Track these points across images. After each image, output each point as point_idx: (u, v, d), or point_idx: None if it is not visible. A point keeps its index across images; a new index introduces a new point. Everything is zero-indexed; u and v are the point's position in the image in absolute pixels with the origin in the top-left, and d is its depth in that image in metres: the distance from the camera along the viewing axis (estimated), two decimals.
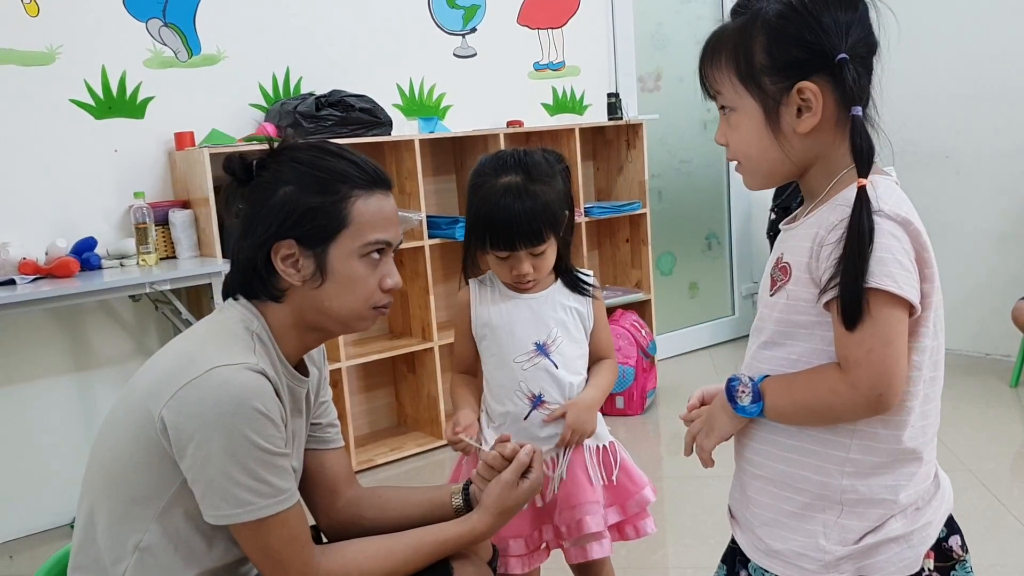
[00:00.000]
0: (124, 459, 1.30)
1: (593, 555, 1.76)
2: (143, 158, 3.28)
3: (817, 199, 1.17)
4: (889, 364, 1.06)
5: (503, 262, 1.72)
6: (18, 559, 3.01)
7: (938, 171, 4.53)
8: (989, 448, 3.34)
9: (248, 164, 1.38)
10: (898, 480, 1.15)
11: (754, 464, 1.23)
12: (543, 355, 1.75)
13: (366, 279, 1.38)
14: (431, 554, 1.42)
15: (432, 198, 3.93)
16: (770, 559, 1.20)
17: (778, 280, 1.17)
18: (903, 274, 1.05)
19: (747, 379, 1.19)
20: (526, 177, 1.68)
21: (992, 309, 4.33)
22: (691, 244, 5.14)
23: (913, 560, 1.15)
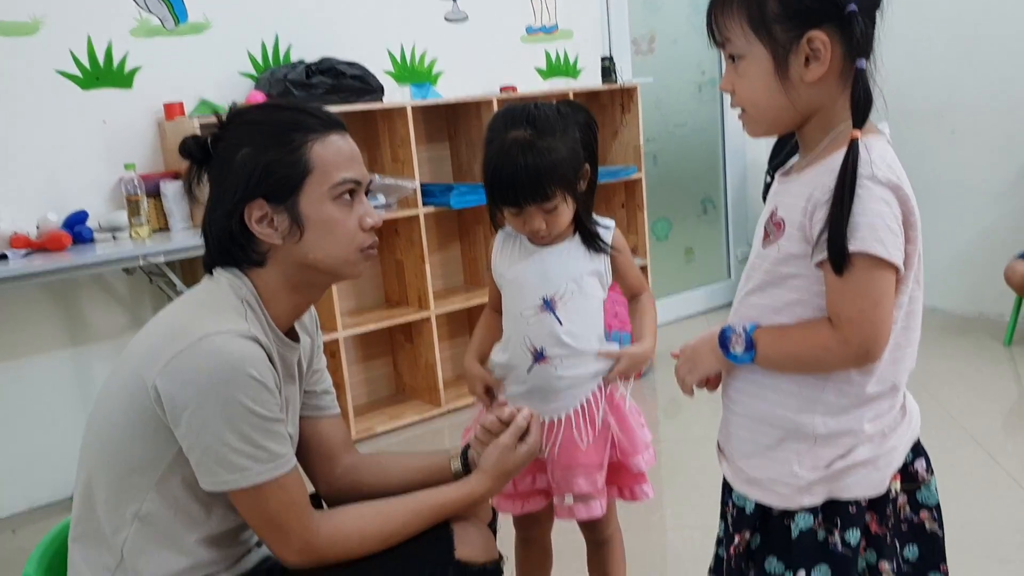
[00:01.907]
0: (119, 429, 1.30)
1: (579, 516, 1.76)
2: (132, 129, 3.25)
3: (812, 152, 1.21)
4: (877, 323, 1.14)
5: (516, 217, 1.69)
6: (20, 533, 3.03)
7: (932, 130, 4.51)
8: (982, 406, 3.36)
9: (203, 142, 1.38)
10: (865, 415, 1.23)
11: (736, 402, 1.32)
12: (549, 310, 1.73)
13: (344, 221, 1.37)
14: (431, 517, 1.42)
15: (426, 166, 3.91)
16: (749, 486, 1.29)
17: (771, 233, 1.23)
18: (892, 239, 1.12)
19: (740, 329, 1.25)
20: (534, 131, 1.62)
21: (986, 268, 4.33)
22: (686, 209, 5.13)
23: (880, 481, 1.24)
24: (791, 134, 1.25)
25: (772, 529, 1.28)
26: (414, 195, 3.59)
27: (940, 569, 1.33)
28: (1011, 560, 2.29)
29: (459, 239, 4.14)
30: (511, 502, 1.82)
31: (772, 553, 1.28)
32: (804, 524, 1.24)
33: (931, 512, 1.31)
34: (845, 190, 1.11)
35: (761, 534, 1.30)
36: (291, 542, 1.32)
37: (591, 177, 1.73)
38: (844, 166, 1.12)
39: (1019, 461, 2.87)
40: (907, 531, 1.31)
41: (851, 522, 1.24)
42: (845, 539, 1.24)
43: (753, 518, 1.29)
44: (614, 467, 1.79)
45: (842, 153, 1.13)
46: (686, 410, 3.56)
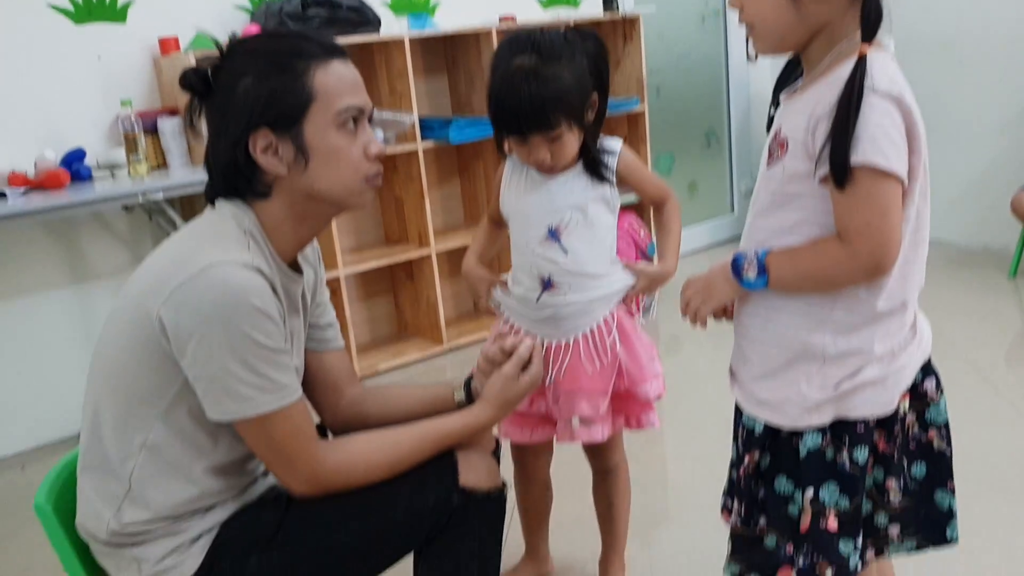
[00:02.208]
0: (125, 360, 1.31)
1: (579, 438, 1.77)
2: (128, 65, 3.20)
3: (815, 70, 1.21)
4: (886, 234, 1.14)
5: (521, 146, 1.66)
6: (29, 469, 3.07)
7: (939, 60, 4.44)
8: (986, 338, 3.37)
9: (203, 74, 1.35)
10: (874, 334, 1.23)
11: (748, 327, 1.33)
12: (554, 240, 1.71)
13: (348, 149, 1.35)
14: (435, 445, 1.43)
15: (424, 99, 3.86)
16: (759, 408, 1.31)
17: (775, 153, 1.23)
18: (894, 150, 1.12)
19: (752, 255, 1.25)
20: (539, 58, 1.57)
21: (991, 200, 4.31)
22: (690, 142, 5.08)
23: (888, 401, 1.26)
24: (797, 64, 1.25)
25: (781, 449, 1.31)
26: (412, 129, 3.55)
27: (947, 487, 1.35)
28: (1012, 490, 2.31)
29: (459, 175, 4.11)
30: (519, 430, 1.83)
31: (781, 472, 1.31)
32: (812, 443, 1.26)
33: (939, 431, 1.33)
34: (851, 103, 1.10)
35: (770, 454, 1.32)
36: (298, 471, 1.33)
37: (599, 107, 1.68)
38: (851, 80, 1.11)
39: (1022, 392, 2.88)
40: (915, 449, 1.33)
41: (859, 440, 1.26)
42: (853, 457, 1.25)
43: (762, 438, 1.31)
44: (622, 396, 1.79)
45: (844, 68, 1.13)
46: (688, 346, 3.57)
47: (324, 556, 1.36)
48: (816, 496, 1.26)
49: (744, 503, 1.34)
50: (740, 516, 1.35)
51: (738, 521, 1.36)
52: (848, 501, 1.26)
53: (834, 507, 1.25)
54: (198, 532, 1.36)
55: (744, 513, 1.35)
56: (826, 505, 1.25)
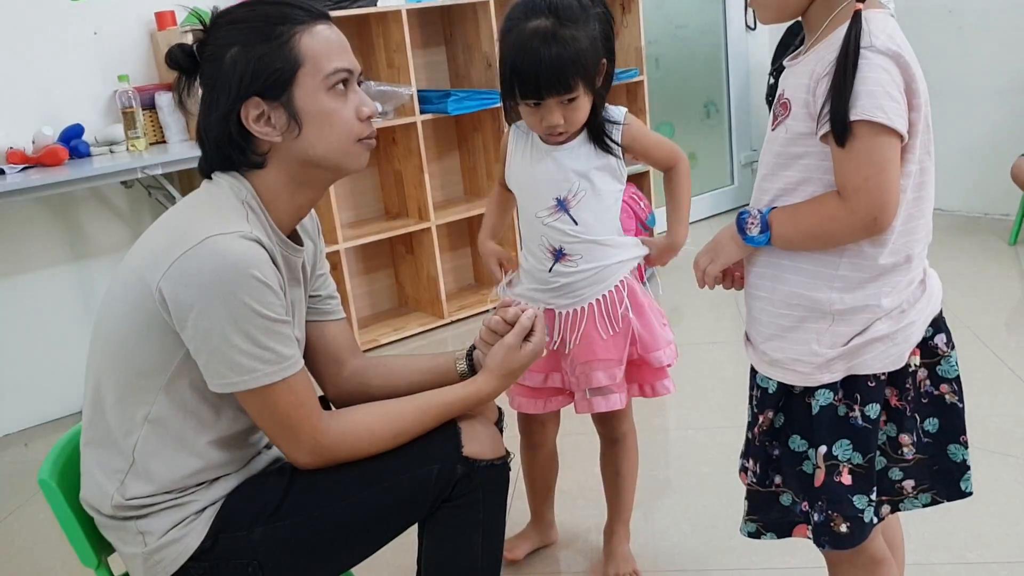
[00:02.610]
0: (125, 334, 1.30)
1: (597, 408, 1.79)
2: (124, 40, 3.19)
3: (816, 34, 1.22)
4: (884, 189, 1.15)
5: (533, 112, 1.65)
6: (32, 446, 3.09)
7: (940, 26, 4.40)
8: (987, 305, 3.38)
9: (189, 50, 1.35)
10: (881, 289, 1.24)
11: (757, 287, 1.34)
12: (563, 210, 1.73)
13: (340, 111, 1.35)
14: (438, 415, 1.43)
15: (422, 72, 3.84)
16: (772, 368, 1.33)
17: (779, 115, 1.25)
18: (892, 106, 1.13)
19: (756, 212, 1.27)
20: (556, 20, 1.58)
21: (992, 167, 4.29)
22: (689, 113, 5.05)
23: (898, 356, 1.27)
24: (795, 34, 1.25)
25: (794, 408, 1.32)
26: (411, 102, 3.53)
27: (960, 440, 1.36)
28: (1013, 455, 2.32)
29: (458, 147, 4.09)
30: (532, 402, 1.85)
31: (795, 431, 1.33)
32: (824, 400, 1.28)
33: (951, 385, 1.34)
34: (848, 61, 1.12)
35: (784, 413, 1.34)
36: (301, 442, 1.33)
37: (608, 72, 1.68)
38: (847, 37, 1.13)
39: (1022, 358, 2.89)
40: (927, 404, 1.34)
41: (870, 396, 1.27)
42: (865, 413, 1.27)
43: (776, 398, 1.33)
44: (635, 364, 1.81)
45: (843, 28, 1.15)
46: (688, 318, 3.57)
47: (328, 527, 1.37)
48: (829, 452, 1.27)
49: (759, 462, 1.36)
50: (755, 475, 1.37)
51: (753, 479, 1.38)
52: (861, 456, 1.27)
53: (847, 463, 1.27)
54: (202, 505, 1.36)
55: (759, 471, 1.37)
56: (840, 461, 1.27)
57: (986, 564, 1.92)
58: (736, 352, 3.29)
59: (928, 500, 1.40)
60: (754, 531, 1.42)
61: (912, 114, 1.16)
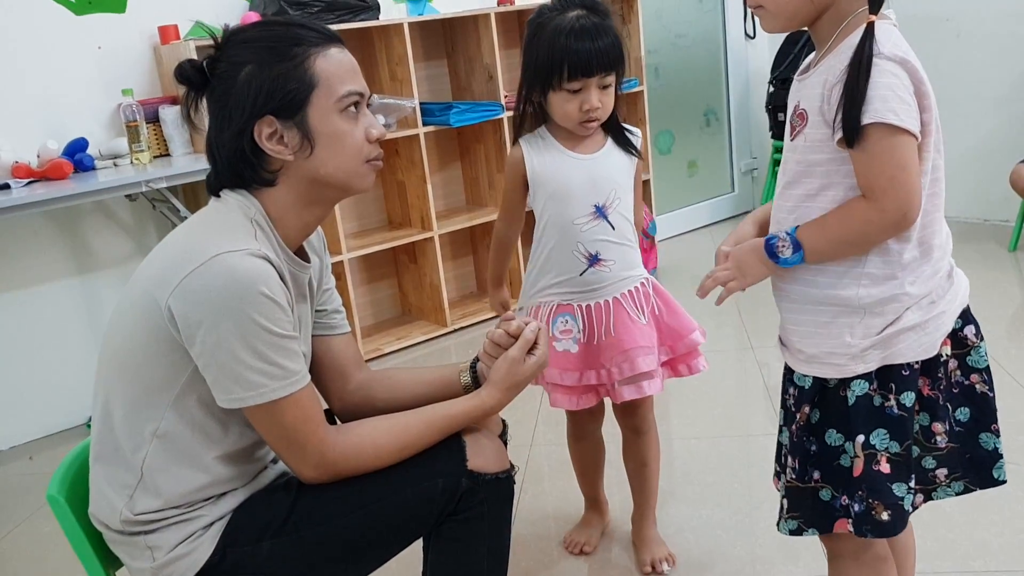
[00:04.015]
0: (134, 350, 1.32)
1: (646, 392, 1.86)
2: (128, 54, 3.21)
3: (825, 47, 1.27)
4: (909, 186, 1.20)
5: (573, 98, 1.73)
6: (38, 459, 3.09)
7: (938, 34, 4.42)
8: (987, 311, 3.37)
9: (199, 66, 1.36)
10: (906, 279, 1.27)
11: (786, 292, 1.36)
12: (602, 217, 1.81)
13: (352, 133, 1.37)
14: (443, 429, 1.44)
15: (424, 84, 3.86)
16: (808, 365, 1.35)
17: (796, 126, 1.29)
18: (904, 108, 1.17)
19: (783, 234, 1.29)
20: (592, 12, 1.72)
21: (991, 174, 4.30)
22: (689, 121, 5.07)
23: (930, 345, 1.29)
24: (794, 42, 1.27)
25: (830, 401, 1.34)
26: (413, 114, 3.55)
27: (991, 429, 1.39)
28: (1015, 462, 2.32)
29: (460, 158, 4.11)
30: (567, 398, 1.90)
31: (831, 426, 1.34)
32: (860, 390, 1.30)
33: (981, 375, 1.37)
34: (861, 66, 1.16)
35: (819, 409, 1.36)
36: (307, 457, 1.35)
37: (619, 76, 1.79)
38: (860, 45, 1.17)
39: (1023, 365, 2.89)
40: (959, 394, 1.37)
41: (905, 385, 1.29)
42: (900, 402, 1.29)
43: (812, 393, 1.35)
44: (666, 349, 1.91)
45: (852, 38, 1.19)
46: None
47: (335, 541, 1.38)
48: (867, 441, 1.29)
49: (798, 458, 1.38)
50: (795, 471, 1.38)
51: (793, 476, 1.39)
52: (899, 445, 1.29)
53: (885, 451, 1.29)
54: (210, 519, 1.37)
55: (798, 468, 1.38)
56: (878, 450, 1.29)
57: (990, 572, 1.93)
58: (738, 361, 3.31)
59: (961, 488, 1.41)
60: (795, 528, 1.41)
61: (924, 115, 1.21)
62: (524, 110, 1.82)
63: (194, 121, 1.43)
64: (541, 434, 2.81)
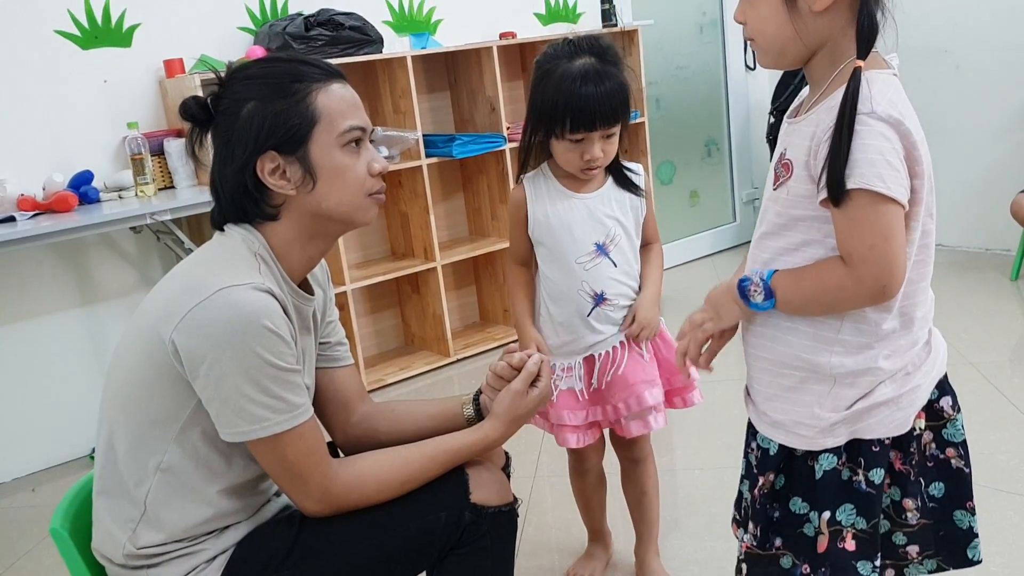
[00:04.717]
0: (138, 384, 1.32)
1: (653, 427, 1.86)
2: (134, 87, 3.24)
3: (819, 90, 1.21)
4: (890, 258, 1.13)
5: (574, 148, 1.73)
6: (40, 491, 3.08)
7: (937, 66, 4.46)
8: (990, 341, 3.38)
9: (203, 102, 1.38)
10: (881, 352, 1.22)
11: (756, 347, 1.31)
12: (603, 255, 1.81)
13: (354, 167, 1.38)
14: (446, 462, 1.45)
15: (427, 116, 3.89)
16: (774, 429, 1.30)
17: (780, 176, 1.23)
18: (892, 174, 1.10)
19: (758, 278, 1.24)
20: (600, 60, 1.69)
21: (992, 203, 4.32)
22: (690, 152, 5.10)
23: (903, 421, 1.24)
24: (794, 74, 1.25)
25: (796, 470, 1.29)
26: (416, 146, 3.58)
27: (967, 506, 1.32)
28: (1021, 492, 2.32)
29: (462, 189, 4.13)
30: (574, 435, 1.89)
31: (796, 494, 1.29)
32: (828, 464, 1.25)
33: (957, 449, 1.31)
34: (844, 124, 1.09)
35: (785, 475, 1.30)
36: (310, 490, 1.35)
37: (626, 116, 1.78)
38: (844, 101, 1.10)
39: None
40: (933, 468, 1.31)
41: (875, 461, 1.24)
42: (869, 478, 1.24)
43: (777, 459, 1.30)
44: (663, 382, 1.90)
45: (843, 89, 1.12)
46: None
47: (338, 575, 1.37)
48: (833, 517, 1.24)
49: (760, 525, 1.32)
50: (756, 538, 1.33)
51: (754, 543, 1.33)
52: (865, 521, 1.24)
53: (851, 528, 1.24)
54: (213, 553, 1.37)
55: (759, 535, 1.32)
56: (843, 526, 1.24)
57: None
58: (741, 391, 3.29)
59: (934, 567, 1.36)
60: None
61: (915, 181, 1.14)
62: (530, 143, 1.81)
63: (198, 156, 1.45)
64: (545, 465, 2.81)
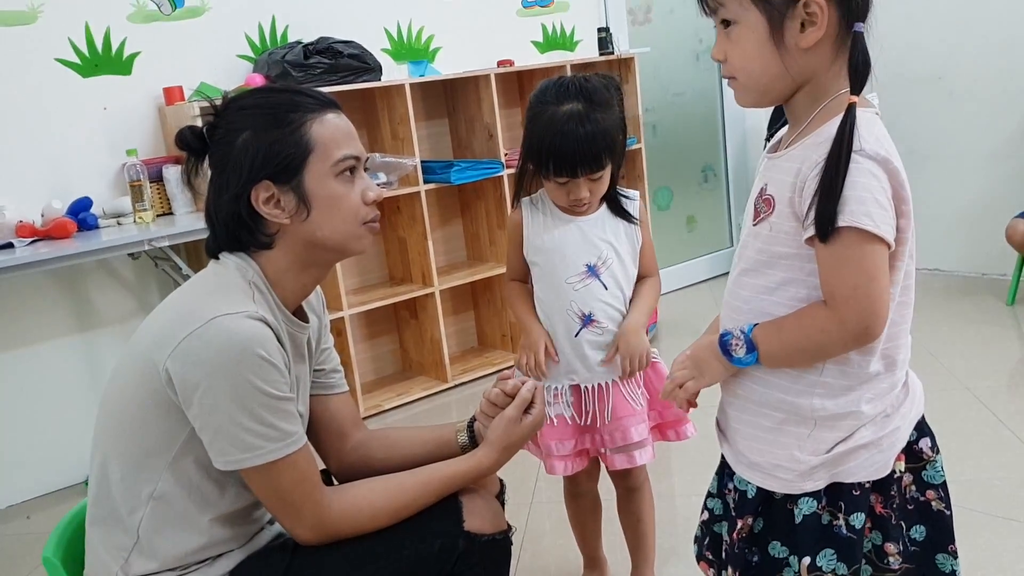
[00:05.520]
0: (132, 412, 1.33)
1: (637, 462, 1.86)
2: (133, 115, 3.26)
3: (800, 126, 1.19)
4: (874, 299, 1.11)
5: (561, 187, 1.76)
6: (35, 518, 3.07)
7: (931, 92, 4.48)
8: (986, 366, 3.38)
9: (199, 132, 1.40)
10: (864, 395, 1.20)
11: (735, 384, 1.29)
12: (594, 276, 1.82)
13: (348, 196, 1.39)
14: (440, 490, 1.45)
15: (425, 143, 3.91)
16: (751, 471, 1.27)
17: (761, 212, 1.20)
18: (880, 213, 1.09)
19: (739, 332, 1.22)
20: (588, 104, 1.71)
21: (987, 229, 4.33)
22: (687, 177, 5.13)
23: (883, 463, 1.22)
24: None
25: (775, 513, 1.26)
26: (415, 172, 3.60)
27: (948, 549, 1.30)
28: (1017, 519, 2.31)
29: (460, 215, 4.15)
30: (562, 464, 1.89)
31: (776, 538, 1.27)
32: (807, 508, 1.23)
33: (937, 491, 1.29)
34: (840, 162, 1.08)
35: (764, 518, 1.28)
36: (303, 519, 1.35)
37: (622, 148, 1.80)
38: (839, 138, 1.08)
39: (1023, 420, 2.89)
40: (913, 511, 1.29)
41: (855, 505, 1.22)
42: (849, 522, 1.22)
43: (755, 502, 1.27)
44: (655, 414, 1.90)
45: (831, 125, 1.11)
46: None
47: None
48: (813, 563, 1.21)
49: (739, 570, 1.29)
50: None
51: None
52: (846, 567, 1.21)
53: (832, 573, 1.21)
54: None
55: None
56: (824, 571, 1.21)
57: None
58: None
59: None
60: None
61: (901, 221, 1.12)
62: (522, 175, 1.84)
63: (194, 185, 1.46)
64: (541, 491, 2.80)
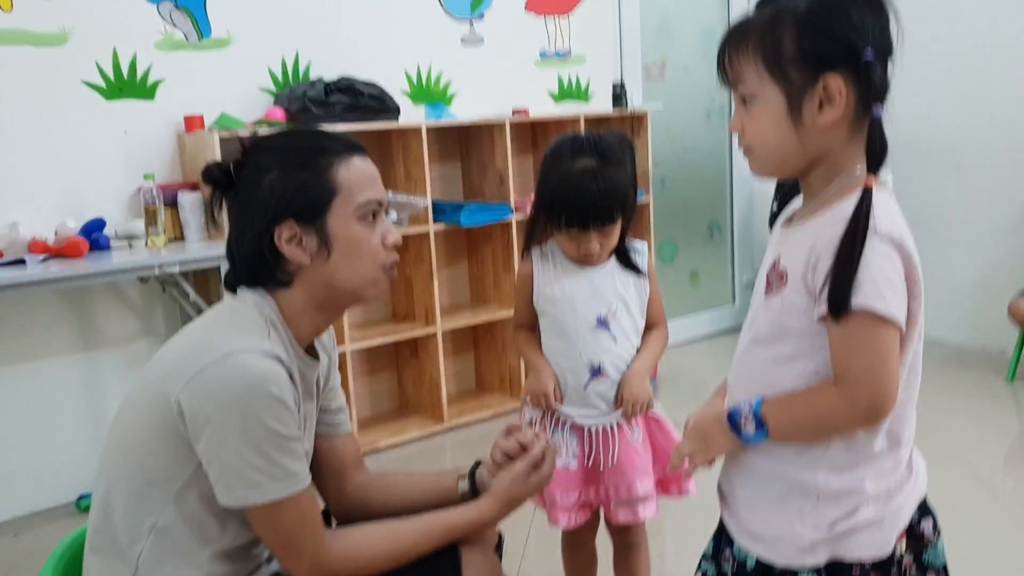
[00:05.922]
0: (141, 442, 1.34)
1: (641, 517, 1.87)
2: (153, 140, 3.30)
3: (815, 201, 1.20)
4: (885, 380, 1.12)
5: (572, 239, 1.80)
6: (22, 536, 3.04)
7: (939, 165, 4.55)
8: (984, 442, 3.38)
9: (226, 168, 1.42)
10: (868, 472, 1.21)
11: (740, 455, 1.29)
12: (604, 328, 1.85)
13: (369, 240, 1.42)
14: (439, 539, 1.45)
15: (437, 184, 3.95)
16: (752, 541, 1.27)
17: (774, 284, 1.21)
18: (893, 296, 1.10)
19: (748, 410, 1.22)
20: (601, 160, 1.76)
21: (990, 303, 4.36)
22: (693, 232, 5.17)
23: (885, 543, 1.21)
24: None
25: None
26: (425, 212, 3.63)
27: None
28: None
29: (467, 256, 4.18)
30: (565, 516, 1.90)
31: None
32: None
33: (938, 573, 1.28)
34: (856, 243, 1.09)
35: None
36: (303, 559, 1.35)
37: (632, 202, 1.84)
38: (855, 219, 1.10)
39: (1020, 498, 2.88)
40: None
41: None
42: None
43: (755, 573, 1.27)
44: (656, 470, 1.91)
45: (847, 203, 1.12)
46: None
47: None
48: None
49: None
50: None
51: None
52: None
53: None
54: None
55: None
56: None
57: None
58: None
59: None
60: None
61: (912, 302, 1.13)
62: (534, 224, 1.89)
63: (216, 219, 1.48)
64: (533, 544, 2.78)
